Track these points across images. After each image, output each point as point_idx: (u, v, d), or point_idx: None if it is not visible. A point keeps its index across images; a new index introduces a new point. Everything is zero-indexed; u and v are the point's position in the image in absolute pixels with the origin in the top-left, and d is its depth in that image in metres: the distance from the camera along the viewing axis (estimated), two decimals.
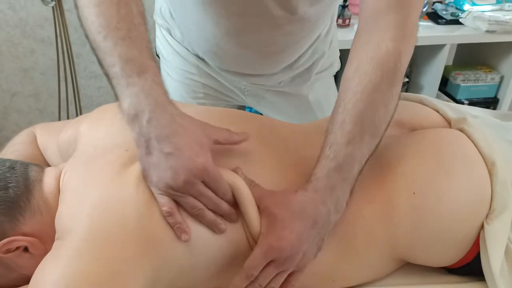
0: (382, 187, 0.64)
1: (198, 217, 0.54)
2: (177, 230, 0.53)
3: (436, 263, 0.69)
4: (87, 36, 0.56)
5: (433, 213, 0.62)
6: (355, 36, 0.64)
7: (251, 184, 0.59)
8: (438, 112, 0.77)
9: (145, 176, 0.54)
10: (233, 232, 0.57)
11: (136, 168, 0.55)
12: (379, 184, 0.64)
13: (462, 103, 1.92)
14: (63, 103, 1.73)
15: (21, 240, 0.56)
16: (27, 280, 0.58)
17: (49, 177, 0.61)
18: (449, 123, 0.75)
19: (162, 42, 0.98)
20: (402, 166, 0.64)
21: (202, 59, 0.93)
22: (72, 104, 1.75)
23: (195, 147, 0.53)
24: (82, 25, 0.57)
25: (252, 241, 0.57)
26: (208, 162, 0.53)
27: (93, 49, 0.56)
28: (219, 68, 0.93)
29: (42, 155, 0.77)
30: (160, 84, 0.54)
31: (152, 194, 0.54)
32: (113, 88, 0.54)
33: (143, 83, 0.52)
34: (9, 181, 0.57)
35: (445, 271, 0.71)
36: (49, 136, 0.76)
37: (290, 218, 0.55)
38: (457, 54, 2.04)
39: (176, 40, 0.94)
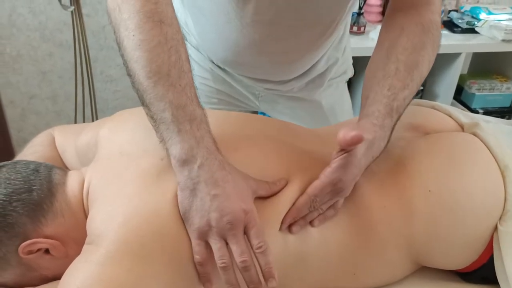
0: (399, 184, 0.65)
1: (221, 270, 0.54)
2: (202, 278, 0.55)
3: (451, 264, 0.69)
4: (131, 76, 0.57)
5: (448, 210, 0.63)
6: (388, 12, 0.72)
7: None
8: (451, 117, 0.78)
9: (185, 218, 0.55)
10: None
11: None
12: (396, 182, 0.65)
13: (477, 112, 1.91)
14: (80, 106, 1.75)
15: (43, 243, 0.56)
16: (47, 280, 0.59)
17: (72, 181, 0.62)
18: (462, 127, 0.76)
19: None
20: (416, 165, 0.66)
21: (218, 65, 0.94)
22: (88, 106, 1.78)
23: (241, 194, 0.55)
24: (126, 64, 0.57)
25: None
26: (253, 209, 0.55)
27: (138, 91, 0.56)
28: (235, 74, 0.94)
29: (60, 156, 0.78)
30: (209, 132, 0.56)
31: None
32: (159, 131, 0.55)
33: (195, 131, 0.54)
34: (33, 184, 0.58)
35: (459, 278, 0.71)
36: (67, 139, 0.77)
37: (359, 155, 0.59)
38: (473, 63, 2.03)
39: (192, 46, 0.95)
